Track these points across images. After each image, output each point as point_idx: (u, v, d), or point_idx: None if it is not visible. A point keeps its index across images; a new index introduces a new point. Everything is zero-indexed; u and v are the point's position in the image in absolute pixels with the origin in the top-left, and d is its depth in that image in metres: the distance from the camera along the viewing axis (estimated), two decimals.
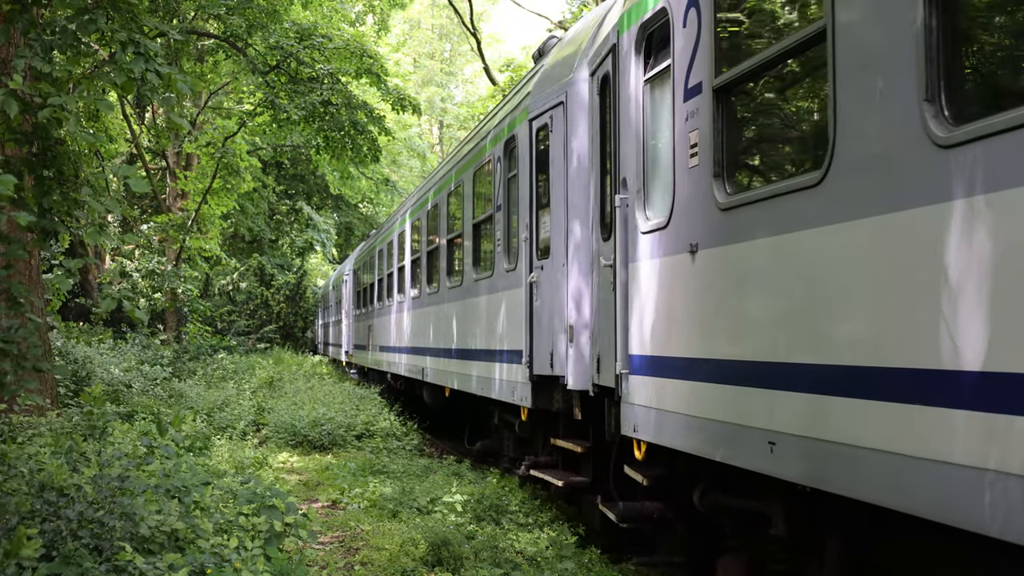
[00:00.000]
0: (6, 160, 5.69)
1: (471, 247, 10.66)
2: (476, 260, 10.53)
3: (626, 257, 5.97)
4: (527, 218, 8.23)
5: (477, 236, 10.59)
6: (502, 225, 9.20)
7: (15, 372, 5.36)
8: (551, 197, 7.73)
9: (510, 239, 8.97)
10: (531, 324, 7.99)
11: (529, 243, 8.08)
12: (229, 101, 28.98)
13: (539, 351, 7.83)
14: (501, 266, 9.21)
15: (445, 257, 12.39)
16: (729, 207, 4.55)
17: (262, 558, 5.70)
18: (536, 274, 7.95)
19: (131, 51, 5.68)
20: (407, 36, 60.86)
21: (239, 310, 36.76)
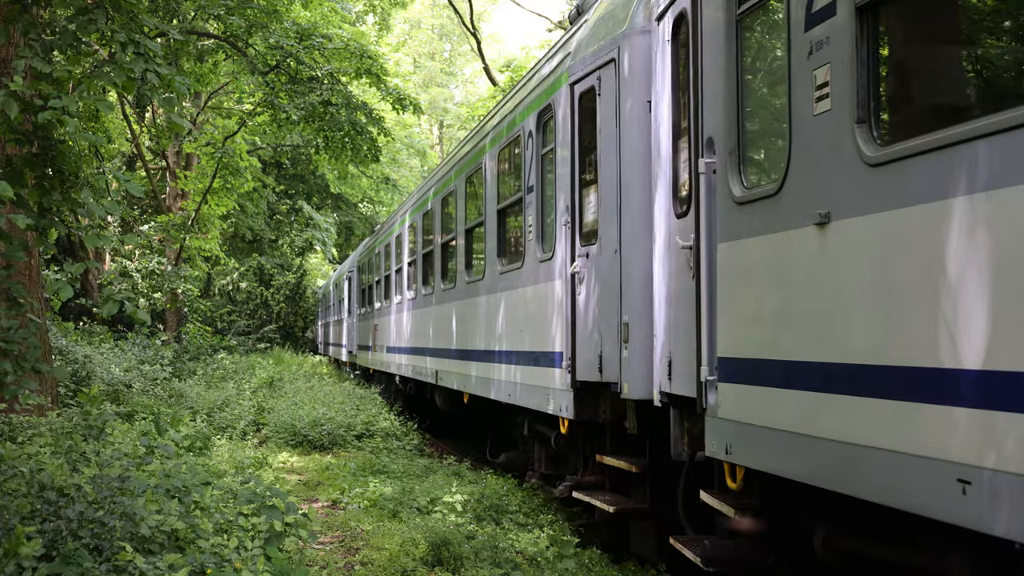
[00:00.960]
0: (7, 160, 5.69)
1: (495, 236, 9.54)
2: (501, 250, 9.41)
3: (713, 236, 4.80)
4: (567, 199, 7.14)
5: (502, 223, 9.45)
6: (534, 209, 8.10)
7: (15, 372, 5.36)
8: (599, 172, 6.60)
9: (544, 224, 7.95)
10: (573, 322, 6.92)
11: (570, 227, 6.99)
12: (229, 101, 28.98)
13: (583, 353, 6.78)
14: (533, 256, 8.13)
15: (463, 249, 11.13)
16: (884, 161, 3.44)
17: (262, 558, 5.70)
18: (579, 263, 6.86)
19: (131, 51, 5.68)
20: (407, 36, 60.87)
21: (239, 310, 36.77)
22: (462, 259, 11.15)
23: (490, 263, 9.72)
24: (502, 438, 10.95)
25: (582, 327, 6.84)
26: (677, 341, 5.33)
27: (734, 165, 4.69)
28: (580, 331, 6.86)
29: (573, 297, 6.98)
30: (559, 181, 7.43)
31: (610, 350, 6.40)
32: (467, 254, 11.07)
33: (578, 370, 6.84)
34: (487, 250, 9.86)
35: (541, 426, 8.33)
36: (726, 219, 4.73)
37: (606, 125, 6.63)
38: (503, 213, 9.44)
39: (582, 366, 6.80)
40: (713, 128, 4.89)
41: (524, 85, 9.13)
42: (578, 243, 6.97)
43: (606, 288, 6.53)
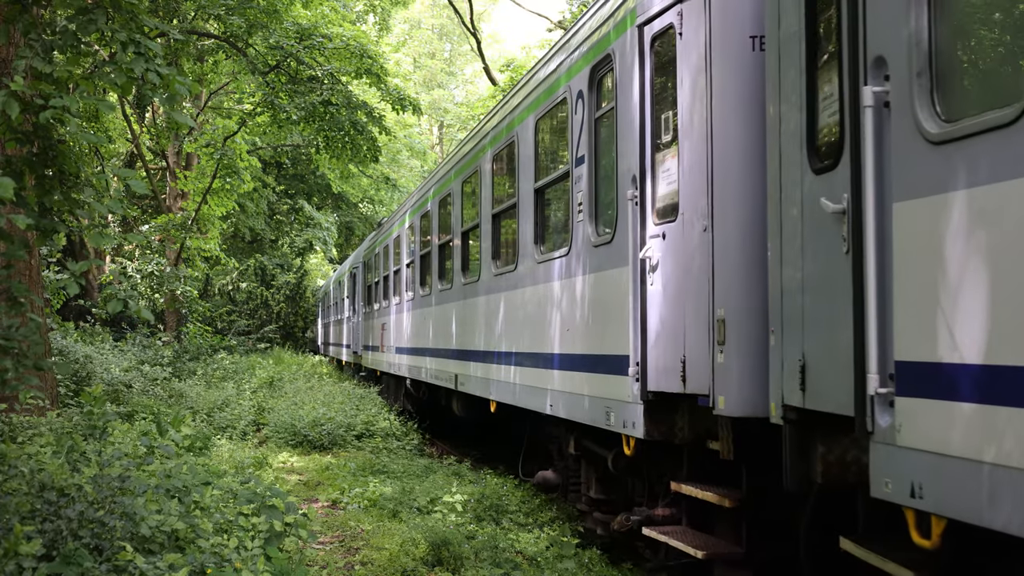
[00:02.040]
0: (7, 160, 5.69)
1: (531, 219, 8.27)
2: (540, 236, 8.14)
3: (885, 192, 3.48)
4: (634, 168, 5.83)
5: (541, 204, 8.20)
6: (585, 183, 6.84)
7: (16, 370, 5.37)
8: (681, 131, 5.36)
9: (599, 202, 6.71)
10: (643, 319, 5.69)
11: (639, 202, 5.75)
12: (229, 101, 29.00)
13: (658, 358, 5.54)
14: (584, 240, 6.86)
15: (489, 237, 9.79)
16: None
17: (262, 558, 5.70)
18: (652, 246, 5.61)
19: (131, 51, 5.69)
20: (407, 36, 60.90)
21: (239, 310, 36.77)
22: (488, 249, 9.79)
23: (524, 252, 8.42)
24: (537, 451, 9.44)
25: (656, 325, 5.58)
26: (815, 340, 4.00)
27: (924, 91, 3.36)
28: (653, 330, 5.61)
29: (643, 288, 5.71)
30: (622, 147, 6.12)
31: (697, 353, 5.11)
32: (494, 243, 9.71)
33: (650, 378, 5.60)
34: (520, 236, 8.53)
35: (593, 444, 7.00)
36: (909, 167, 3.39)
37: (690, 72, 5.30)
38: (541, 193, 8.18)
39: (656, 373, 5.56)
40: (883, 44, 3.57)
41: (569, 40, 7.65)
42: (650, 221, 5.68)
43: (691, 275, 5.20)
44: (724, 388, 4.91)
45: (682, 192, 5.35)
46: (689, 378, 5.24)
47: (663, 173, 5.67)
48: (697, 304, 5.18)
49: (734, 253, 4.99)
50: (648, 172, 5.79)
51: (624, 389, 5.91)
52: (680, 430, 5.58)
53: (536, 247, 8.18)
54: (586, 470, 7.41)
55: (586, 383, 6.74)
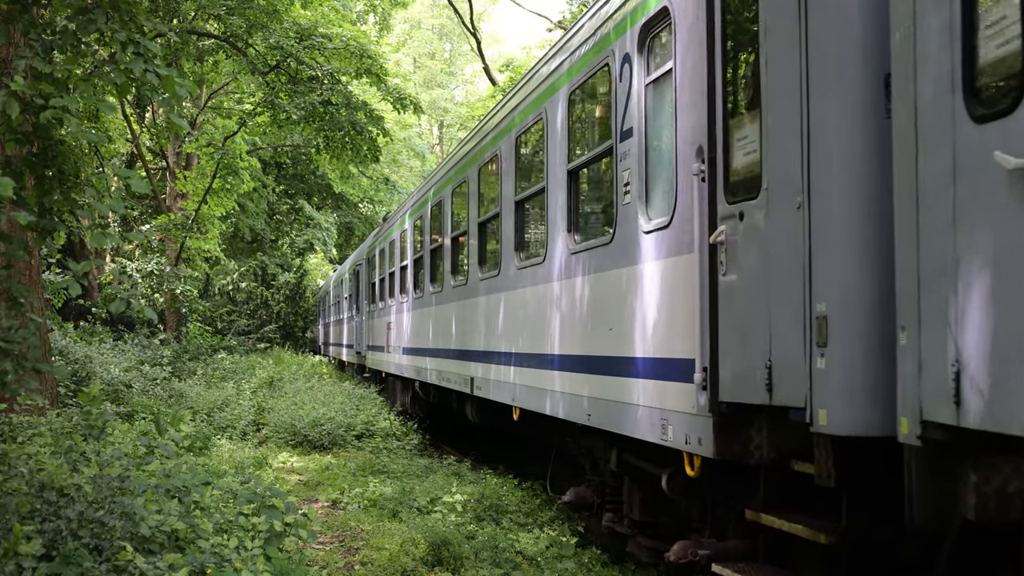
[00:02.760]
0: (7, 160, 5.69)
1: (563, 205, 7.36)
2: (573, 223, 7.24)
3: None
4: (701, 136, 4.98)
5: (573, 188, 7.31)
6: (634, 160, 5.94)
7: (15, 372, 5.37)
8: (765, 89, 4.46)
9: (651, 180, 5.82)
10: (713, 316, 4.83)
11: (707, 177, 4.91)
12: (229, 101, 29.01)
13: (733, 362, 4.67)
14: (632, 225, 5.95)
15: (512, 226, 8.81)
16: None
17: (262, 558, 5.70)
18: (726, 228, 4.71)
19: (131, 51, 5.69)
20: (407, 36, 60.93)
21: (239, 310, 36.79)
22: (510, 240, 8.83)
23: (555, 241, 7.51)
24: (563, 461, 8.64)
25: (731, 324, 4.70)
26: (981, 338, 3.14)
27: None
28: (727, 330, 4.73)
29: (712, 279, 4.83)
30: (684, 114, 5.24)
31: (788, 357, 4.22)
32: (518, 232, 8.74)
33: (722, 387, 4.72)
34: (550, 224, 7.64)
35: (641, 460, 6.17)
36: None
37: (777, 16, 4.39)
38: (575, 175, 7.26)
39: (730, 381, 4.69)
40: None
41: None
42: (721, 199, 4.79)
43: (778, 262, 4.30)
44: (826, 399, 3.94)
45: (766, 162, 4.42)
46: (777, 387, 4.29)
47: (739, 142, 4.74)
48: (787, 297, 4.23)
49: (839, 233, 3.98)
50: (719, 142, 4.85)
51: (686, 399, 5.03)
52: (757, 448, 4.65)
53: (570, 236, 7.21)
54: (630, 489, 6.50)
55: (634, 391, 5.81)
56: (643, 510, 6.34)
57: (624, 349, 6.04)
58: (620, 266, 6.18)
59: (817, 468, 4.16)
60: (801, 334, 4.11)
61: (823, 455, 4.13)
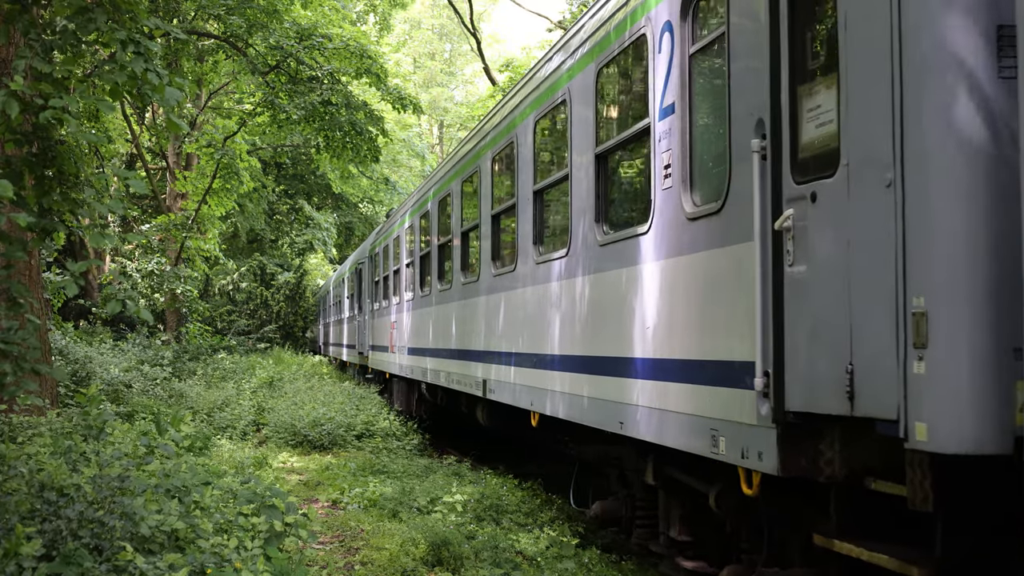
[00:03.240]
0: (7, 160, 5.69)
1: (589, 192, 6.70)
2: (601, 213, 6.59)
3: None
4: (762, 108, 4.36)
5: (603, 174, 6.62)
6: (676, 139, 5.29)
7: (15, 373, 5.37)
8: (844, 47, 3.84)
9: (699, 160, 5.21)
10: (777, 313, 4.22)
11: (768, 154, 4.28)
12: (229, 101, 29.02)
13: (804, 365, 4.05)
14: (672, 212, 5.34)
15: (531, 219, 8.14)
16: None
17: (262, 558, 5.70)
18: (797, 211, 4.09)
19: (131, 50, 5.68)
20: (407, 36, 60.96)
21: (239, 310, 36.80)
22: (527, 234, 8.20)
23: (580, 233, 6.90)
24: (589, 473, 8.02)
25: (800, 321, 4.08)
26: None
27: None
28: (796, 328, 4.11)
29: (777, 270, 4.22)
30: (739, 84, 4.64)
31: (875, 361, 3.61)
32: (537, 226, 8.10)
33: (790, 393, 4.12)
34: (575, 215, 7.02)
35: (683, 474, 5.61)
36: None
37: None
38: (604, 160, 6.60)
39: (799, 387, 4.08)
40: None
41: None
42: (788, 179, 4.20)
43: (862, 250, 3.70)
44: (926, 411, 3.36)
45: (846, 135, 3.82)
46: (860, 395, 3.67)
47: (810, 112, 4.14)
48: (873, 291, 3.63)
49: (943, 215, 3.38)
50: (785, 113, 4.24)
51: (743, 407, 4.44)
52: (828, 464, 4.06)
53: (597, 227, 6.56)
54: (667, 505, 5.99)
55: (676, 398, 5.19)
56: (682, 528, 5.78)
57: (663, 350, 5.39)
58: (658, 258, 5.52)
59: (911, 490, 3.53)
60: (892, 333, 3.48)
61: (919, 475, 3.51)
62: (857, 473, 4.02)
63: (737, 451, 4.51)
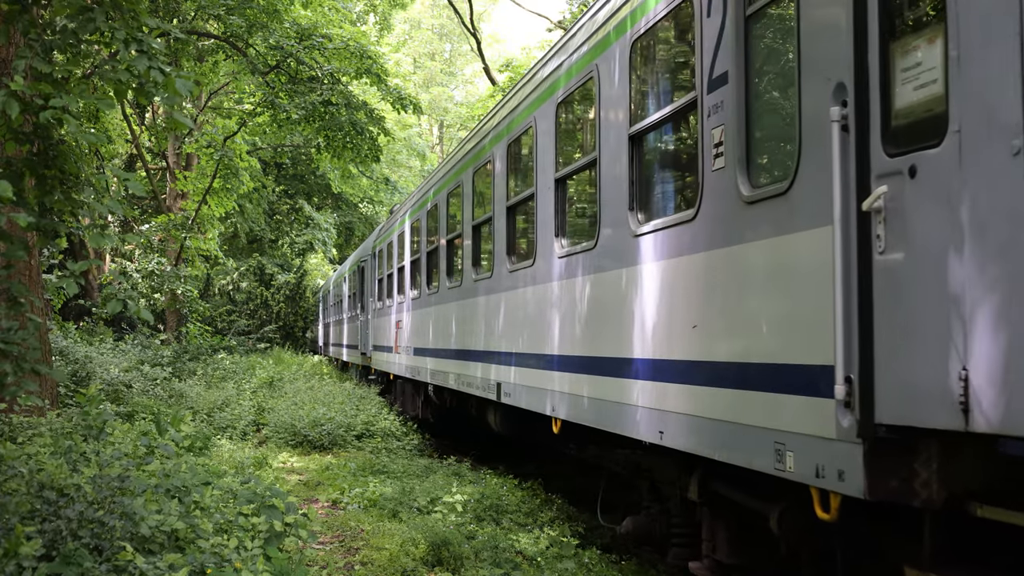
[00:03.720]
0: (7, 161, 5.69)
1: (624, 179, 6.03)
2: (639, 200, 5.93)
3: None
4: (844, 71, 3.73)
5: (638, 156, 5.97)
6: (731, 113, 4.67)
7: (15, 373, 5.37)
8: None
9: (757, 135, 4.63)
10: (864, 308, 3.60)
11: (853, 125, 3.66)
12: (229, 101, 29.03)
13: (901, 370, 3.42)
14: (725, 196, 4.72)
15: (553, 208, 7.48)
16: None
17: (262, 558, 5.70)
18: (892, 188, 3.47)
19: (134, 48, 5.68)
20: (407, 36, 60.98)
21: (239, 310, 36.81)
22: (548, 225, 7.55)
23: (609, 221, 6.29)
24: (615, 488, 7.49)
25: (896, 317, 3.47)
26: None
27: None
28: (889, 326, 3.49)
29: (864, 259, 3.61)
30: (812, 45, 4.03)
31: (998, 365, 3.01)
32: (559, 216, 7.44)
33: (880, 403, 3.51)
34: (603, 203, 6.40)
35: (735, 491, 5.07)
36: None
37: None
38: (639, 141, 5.94)
39: (894, 396, 3.46)
40: None
41: None
42: (878, 151, 3.59)
43: (977, 232, 3.12)
44: None
45: (956, 95, 3.24)
46: (978, 406, 3.06)
47: (906, 72, 3.54)
48: (995, 281, 3.07)
49: None
50: (874, 75, 3.65)
51: (818, 418, 3.84)
52: (924, 486, 3.48)
53: (632, 215, 5.93)
54: (713, 524, 5.42)
55: (733, 405, 4.58)
56: (730, 550, 5.22)
57: (714, 352, 4.80)
58: (707, 248, 4.92)
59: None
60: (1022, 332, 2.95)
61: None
62: (957, 497, 3.45)
63: (810, 469, 3.89)
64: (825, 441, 3.79)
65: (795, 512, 4.47)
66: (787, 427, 4.09)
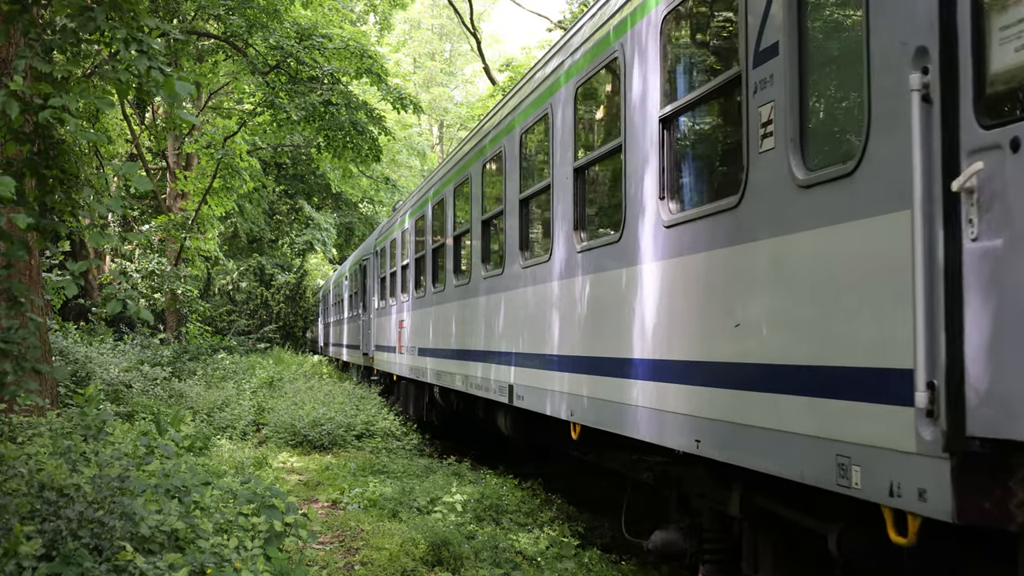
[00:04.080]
0: (7, 161, 5.69)
1: (652, 167, 5.56)
2: (670, 188, 5.43)
3: None
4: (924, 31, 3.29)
5: (667, 140, 5.46)
6: (781, 88, 4.18)
7: (15, 373, 5.37)
8: None
9: (813, 109, 4.17)
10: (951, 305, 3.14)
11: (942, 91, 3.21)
12: (229, 101, 29.04)
13: (998, 376, 2.97)
14: (774, 181, 4.25)
15: (571, 199, 6.94)
16: None
17: (262, 558, 5.70)
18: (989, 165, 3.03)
19: (134, 48, 5.68)
20: (407, 36, 60.99)
21: (239, 310, 36.83)
22: (565, 217, 7.08)
23: (635, 214, 5.80)
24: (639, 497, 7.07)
25: (989, 315, 3.01)
26: None
27: None
28: (984, 324, 3.02)
29: (951, 247, 3.15)
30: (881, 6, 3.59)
31: None
32: (578, 208, 6.91)
33: (972, 413, 3.05)
34: (629, 194, 5.89)
35: (785, 507, 4.60)
36: None
37: None
38: (672, 122, 5.45)
39: (991, 405, 3.00)
40: None
41: None
42: (969, 123, 3.12)
43: None
44: None
45: None
46: None
47: (1004, 31, 3.07)
48: None
49: None
50: (965, 35, 3.17)
51: (893, 429, 3.37)
52: (1020, 508, 3.08)
53: (662, 205, 5.44)
54: (755, 541, 4.97)
55: (782, 412, 4.06)
56: (777, 569, 4.77)
57: (760, 353, 4.28)
58: (755, 237, 4.39)
59: None
60: None
61: None
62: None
63: (882, 486, 3.41)
64: (901, 455, 3.31)
65: (858, 532, 3.99)
66: (852, 438, 3.58)
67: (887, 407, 3.41)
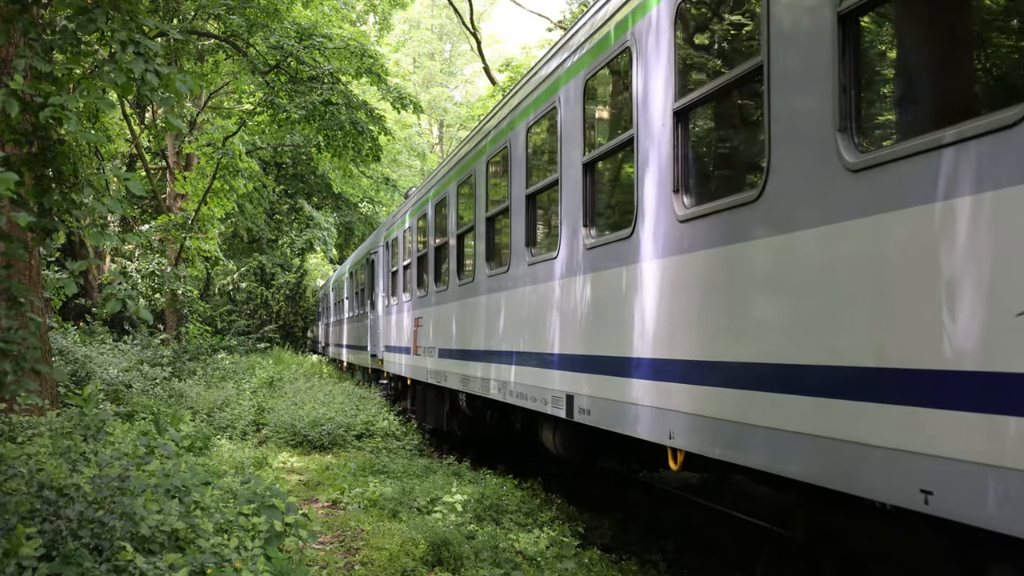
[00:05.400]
0: (6, 159, 5.69)
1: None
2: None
3: None
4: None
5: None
6: None
7: (15, 373, 5.37)
8: None
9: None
10: None
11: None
12: (229, 101, 29.04)
13: None
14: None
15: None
16: None
17: (262, 558, 5.70)
18: None
19: (131, 50, 5.68)
20: (407, 36, 60.99)
21: (239, 310, 36.83)
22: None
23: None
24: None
25: None
26: None
27: None
28: None
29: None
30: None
31: None
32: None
33: None
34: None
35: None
36: None
37: None
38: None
39: None
40: None
41: None
42: None
43: None
44: None
45: None
46: None
47: None
48: None
49: None
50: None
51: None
52: None
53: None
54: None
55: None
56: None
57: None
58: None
59: None
60: None
61: None
62: None
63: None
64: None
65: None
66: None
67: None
